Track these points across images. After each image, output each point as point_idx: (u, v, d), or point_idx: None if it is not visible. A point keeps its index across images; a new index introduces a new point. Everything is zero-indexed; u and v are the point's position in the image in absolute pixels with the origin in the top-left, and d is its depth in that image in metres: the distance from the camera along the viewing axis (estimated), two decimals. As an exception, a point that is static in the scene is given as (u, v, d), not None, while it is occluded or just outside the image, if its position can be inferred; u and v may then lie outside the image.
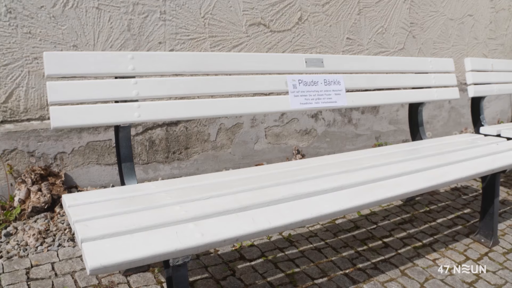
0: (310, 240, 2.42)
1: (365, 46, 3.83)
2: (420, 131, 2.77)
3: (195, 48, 2.94)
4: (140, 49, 2.76)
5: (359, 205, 1.62)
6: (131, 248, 1.17)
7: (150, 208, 1.40)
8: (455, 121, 4.85)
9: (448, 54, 4.58)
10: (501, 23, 5.08)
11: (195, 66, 1.87)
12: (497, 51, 5.16)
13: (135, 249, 1.16)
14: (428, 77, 2.74)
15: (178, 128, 2.96)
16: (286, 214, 1.44)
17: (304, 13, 3.37)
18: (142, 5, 2.70)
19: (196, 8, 2.88)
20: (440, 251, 2.39)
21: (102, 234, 1.20)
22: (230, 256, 2.21)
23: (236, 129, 3.20)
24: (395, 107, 4.16)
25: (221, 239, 1.28)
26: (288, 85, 2.08)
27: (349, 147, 3.93)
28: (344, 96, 2.26)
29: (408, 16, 4.07)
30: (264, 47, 3.23)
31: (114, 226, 1.24)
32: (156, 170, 2.94)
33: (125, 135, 1.76)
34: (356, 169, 1.95)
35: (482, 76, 3.13)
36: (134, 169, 1.77)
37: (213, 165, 3.18)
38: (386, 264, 2.23)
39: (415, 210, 2.91)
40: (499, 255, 2.40)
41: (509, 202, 3.17)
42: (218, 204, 1.43)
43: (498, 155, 2.38)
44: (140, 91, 1.73)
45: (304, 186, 1.66)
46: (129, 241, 1.20)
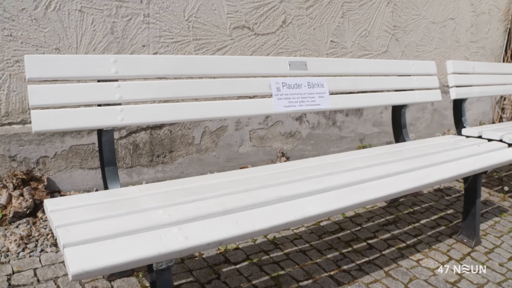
0: (295, 243, 2.43)
1: (349, 49, 3.86)
2: (403, 133, 2.79)
3: (179, 51, 2.93)
4: (123, 52, 2.74)
5: (343, 207, 1.63)
6: (114, 252, 1.16)
7: (133, 212, 1.39)
8: (438, 123, 4.91)
9: (430, 56, 4.64)
10: (482, 27, 5.16)
11: (179, 69, 1.86)
12: (478, 53, 5.24)
13: (118, 254, 1.15)
14: (411, 79, 2.77)
15: (162, 131, 2.95)
16: (270, 217, 1.44)
17: (288, 16, 3.38)
18: (125, 8, 2.69)
19: (180, 11, 2.88)
20: (424, 252, 2.42)
21: (85, 239, 1.19)
22: (215, 260, 2.20)
23: (220, 132, 3.20)
24: (379, 109, 4.20)
25: (205, 243, 1.28)
26: (272, 88, 2.09)
27: (333, 149, 3.95)
28: (327, 98, 2.27)
29: (391, 19, 4.11)
30: (248, 50, 3.24)
31: (96, 231, 1.23)
32: (140, 173, 2.92)
33: (108, 139, 1.75)
34: (340, 171, 1.96)
35: (464, 79, 3.18)
36: (117, 173, 1.75)
37: (197, 168, 3.17)
38: (371, 266, 2.24)
39: (399, 211, 2.94)
40: (481, 255, 2.43)
41: (490, 203, 3.21)
42: (202, 208, 1.43)
43: (480, 156, 2.41)
44: (123, 94, 1.72)
45: (289, 188, 1.66)
46: (112, 245, 1.19)
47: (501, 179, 3.80)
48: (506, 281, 2.19)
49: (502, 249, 2.52)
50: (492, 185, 3.62)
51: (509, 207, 3.14)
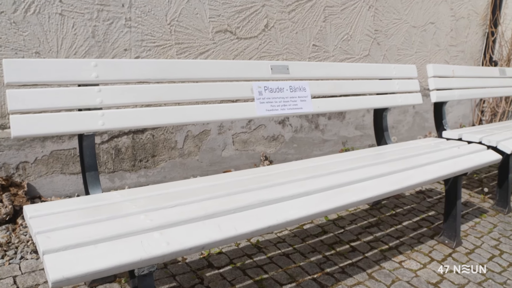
0: (278, 246, 2.43)
1: (331, 52, 3.88)
2: (385, 136, 2.82)
3: (161, 55, 2.92)
4: (105, 56, 2.72)
5: (325, 210, 1.64)
6: (95, 258, 1.15)
7: (114, 217, 1.38)
8: (420, 125, 4.97)
9: (411, 60, 4.69)
10: (461, 31, 5.24)
11: (161, 73, 1.86)
12: (458, 57, 5.32)
13: (98, 260, 1.14)
14: (392, 83, 2.80)
15: (145, 135, 2.93)
16: (252, 221, 1.44)
17: (270, 20, 3.39)
18: (106, 12, 2.67)
19: (162, 15, 2.87)
20: (406, 253, 2.44)
21: (65, 245, 1.18)
22: (198, 264, 2.19)
23: (203, 136, 3.19)
24: (361, 112, 4.23)
25: (187, 248, 1.27)
26: (254, 92, 2.09)
27: (316, 152, 3.96)
28: (309, 102, 2.28)
29: (373, 23, 4.15)
30: (230, 54, 3.24)
31: (77, 237, 1.22)
32: (123, 178, 2.90)
33: (89, 143, 1.73)
34: (323, 174, 1.97)
35: (444, 82, 3.22)
36: (98, 178, 1.74)
37: (180, 173, 3.15)
38: (354, 268, 2.26)
39: (381, 213, 2.96)
40: (462, 256, 2.46)
41: (471, 204, 3.26)
42: (184, 212, 1.42)
43: (460, 159, 2.44)
44: (104, 99, 1.70)
45: (271, 192, 1.66)
46: (92, 251, 1.18)
47: (481, 180, 3.86)
48: (486, 281, 2.22)
49: (482, 249, 2.55)
50: (473, 187, 3.67)
51: (489, 208, 3.18)
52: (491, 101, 5.69)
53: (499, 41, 5.68)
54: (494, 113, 5.67)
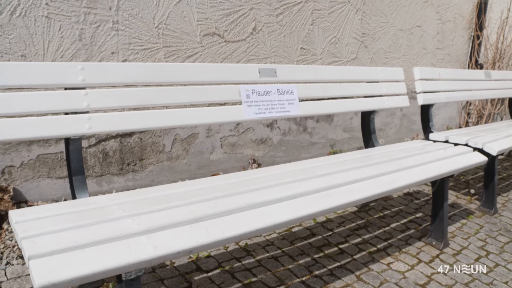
0: (267, 249, 2.43)
1: (319, 55, 3.90)
2: (373, 139, 2.83)
3: (148, 58, 2.91)
4: (92, 59, 2.71)
5: (313, 213, 1.64)
6: (81, 263, 1.14)
7: (101, 222, 1.37)
8: (407, 128, 5.00)
9: (399, 63, 4.73)
10: (448, 34, 5.29)
11: (148, 76, 1.85)
12: (444, 60, 5.37)
13: (85, 265, 1.14)
14: (379, 86, 2.82)
15: (133, 139, 2.92)
16: (240, 224, 1.44)
17: (258, 24, 3.40)
18: (94, 15, 2.66)
19: (150, 18, 2.86)
20: (394, 255, 2.45)
21: (51, 250, 1.16)
22: (186, 268, 2.19)
23: (191, 140, 3.19)
24: (349, 115, 4.25)
25: (174, 252, 1.27)
26: (242, 95, 2.09)
27: (304, 155, 3.98)
28: (297, 105, 2.29)
29: (360, 26, 4.18)
30: (218, 57, 3.24)
31: (63, 242, 1.21)
32: (110, 182, 2.88)
33: (76, 147, 1.72)
34: (311, 177, 1.97)
35: (431, 85, 3.25)
36: (85, 182, 1.73)
37: (168, 176, 3.14)
38: (342, 270, 2.26)
39: (369, 215, 2.97)
40: (450, 257, 2.48)
41: (458, 205, 3.29)
42: (172, 216, 1.42)
43: (446, 161, 2.47)
44: (91, 102, 1.69)
45: (259, 195, 1.66)
46: (79, 256, 1.17)
47: (468, 182, 3.89)
48: (473, 281, 2.24)
49: (469, 250, 2.58)
50: (459, 188, 3.70)
51: (476, 209, 3.21)
52: (477, 104, 5.75)
53: (484, 44, 5.75)
54: (480, 115, 5.74)
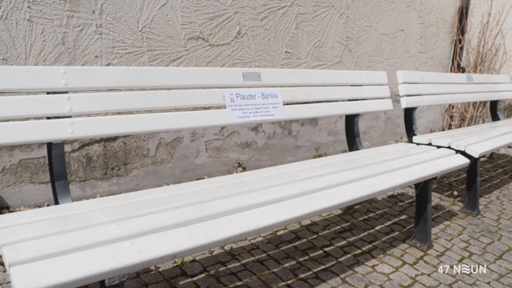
0: (252, 253, 2.43)
1: (303, 59, 3.92)
2: (357, 142, 2.85)
3: (132, 62, 2.90)
4: (75, 63, 2.69)
5: (297, 216, 1.65)
6: (64, 270, 1.13)
7: (84, 227, 1.35)
8: (391, 131, 5.05)
9: (382, 67, 4.78)
10: (430, 38, 5.36)
11: (131, 81, 1.84)
12: (427, 64, 5.43)
13: (67, 271, 1.12)
14: (363, 89, 2.84)
15: (117, 143, 2.90)
16: (224, 228, 1.43)
17: (242, 27, 3.41)
18: (77, 18, 2.64)
19: (134, 21, 2.85)
20: (379, 257, 2.47)
21: (32, 256, 1.15)
22: (171, 273, 2.17)
23: (176, 144, 3.17)
24: (334, 118, 4.28)
25: (158, 256, 1.26)
26: (226, 99, 2.09)
27: (289, 158, 3.99)
28: (281, 109, 2.30)
29: (344, 30, 4.21)
30: (203, 61, 3.24)
31: (45, 248, 1.19)
32: (94, 187, 2.86)
33: (58, 152, 1.70)
34: (295, 180, 1.98)
35: (414, 88, 3.29)
36: (68, 188, 1.71)
37: (153, 181, 3.13)
38: (327, 273, 2.27)
39: (354, 218, 2.99)
40: (433, 258, 2.51)
41: (441, 207, 3.32)
42: (156, 221, 1.41)
43: (429, 163, 2.49)
44: (73, 106, 1.68)
45: (243, 199, 1.66)
46: (61, 262, 1.15)
47: (451, 184, 3.94)
48: (456, 282, 2.27)
49: (452, 251, 2.60)
50: (443, 190, 3.74)
51: (459, 211, 3.25)
52: (459, 107, 5.82)
53: (466, 48, 5.83)
54: (463, 118, 5.81)
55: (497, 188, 3.88)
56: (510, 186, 3.96)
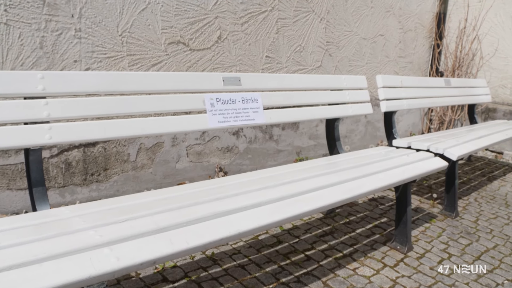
0: (234, 258, 2.42)
1: (284, 64, 3.94)
2: (337, 146, 2.87)
3: (112, 67, 2.88)
4: (54, 67, 2.65)
5: (278, 221, 1.65)
6: (41, 278, 1.11)
7: (62, 234, 1.34)
8: (372, 134, 5.09)
9: (362, 71, 4.82)
10: (409, 43, 5.43)
11: (110, 85, 1.83)
12: (406, 68, 5.50)
13: (44, 279, 1.11)
14: (343, 93, 2.86)
15: (96, 149, 2.87)
16: (204, 234, 1.43)
17: (223, 32, 3.41)
18: (55, 22, 2.61)
19: (113, 26, 2.83)
20: (360, 260, 2.48)
21: (8, 265, 1.13)
22: (152, 279, 2.16)
23: (156, 149, 3.16)
24: (315, 122, 4.30)
25: (137, 263, 1.25)
26: (206, 104, 2.09)
27: (271, 163, 3.99)
28: (262, 113, 2.30)
29: (324, 35, 4.25)
30: (184, 65, 3.23)
31: (21, 256, 1.17)
32: (74, 193, 2.82)
33: (36, 158, 1.68)
34: (276, 185, 1.98)
35: (393, 92, 3.33)
36: (46, 194, 1.68)
37: (134, 186, 3.10)
38: (309, 277, 2.28)
39: (335, 222, 3.01)
40: (414, 260, 2.53)
41: (421, 210, 3.36)
42: (135, 227, 1.40)
43: (408, 166, 2.52)
44: (51, 112, 1.66)
45: (224, 204, 1.66)
46: (38, 270, 1.14)
47: (430, 186, 3.99)
48: (436, 283, 2.29)
49: (432, 253, 2.63)
50: (422, 193, 3.78)
51: (438, 213, 3.29)
52: (438, 110, 5.91)
53: (444, 53, 5.92)
54: (442, 121, 5.90)
55: (475, 190, 3.94)
56: (488, 188, 4.03)
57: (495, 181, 4.31)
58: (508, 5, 5.36)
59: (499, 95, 5.58)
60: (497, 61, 5.53)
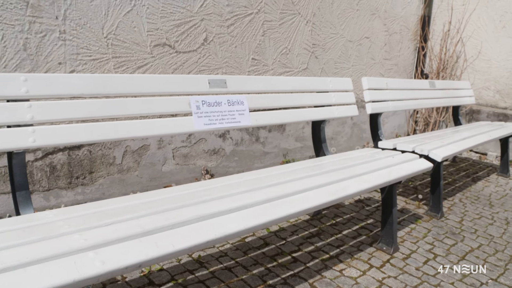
0: (220, 260, 2.42)
1: (270, 66, 3.94)
2: (323, 147, 2.88)
3: (98, 69, 2.86)
4: (38, 70, 2.63)
5: (264, 223, 1.65)
6: (24, 283, 1.10)
7: (46, 238, 1.32)
8: (358, 136, 5.12)
9: (348, 73, 4.85)
10: (394, 45, 5.48)
11: (96, 88, 1.82)
12: (392, 70, 5.55)
13: (28, 284, 1.09)
14: (329, 95, 2.88)
15: (81, 152, 2.84)
16: (190, 236, 1.42)
17: (209, 34, 3.41)
18: (39, 24, 2.58)
19: (98, 28, 2.81)
20: (346, 262, 2.49)
21: (-9, 270, 1.12)
22: (138, 283, 2.14)
23: (142, 151, 3.14)
24: (301, 124, 4.31)
25: (123, 266, 1.24)
26: (192, 106, 2.08)
27: (257, 165, 3.99)
28: (248, 115, 2.30)
29: (310, 37, 4.26)
30: (169, 68, 3.22)
31: (5, 261, 1.16)
32: (59, 196, 2.79)
33: (19, 161, 1.66)
34: (262, 187, 1.98)
35: (379, 94, 3.35)
36: (30, 198, 1.67)
37: (119, 189, 3.08)
38: (296, 279, 2.28)
39: (322, 223, 3.02)
40: (400, 261, 2.55)
41: (407, 211, 3.39)
42: (120, 230, 1.39)
43: (394, 168, 2.54)
44: (35, 115, 1.64)
45: (209, 206, 1.66)
46: (21, 275, 1.12)
47: (416, 187, 4.02)
48: (422, 284, 2.31)
49: (418, 254, 2.65)
50: (408, 194, 3.81)
51: (424, 214, 3.32)
52: (423, 112, 5.97)
53: (429, 55, 5.98)
54: (427, 123, 5.95)
55: (460, 191, 3.99)
56: (472, 189, 4.08)
57: (479, 181, 4.36)
58: (490, 9, 5.43)
59: (482, 97, 5.65)
60: (481, 63, 5.60)
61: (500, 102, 5.49)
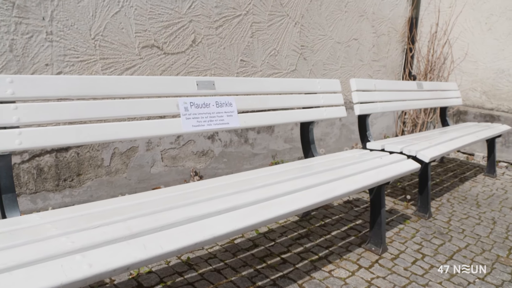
0: (209, 262, 2.41)
1: (259, 67, 3.95)
2: (312, 149, 2.89)
3: (85, 71, 2.84)
4: (24, 71, 2.60)
5: (253, 224, 1.65)
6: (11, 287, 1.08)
7: (32, 241, 1.31)
8: (346, 137, 5.14)
9: (337, 74, 4.87)
10: (383, 47, 5.51)
11: (83, 90, 1.80)
12: (380, 72, 5.58)
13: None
14: (317, 97, 2.89)
15: (69, 154, 2.82)
16: (178, 238, 1.42)
17: (198, 36, 3.40)
18: (26, 25, 2.56)
19: (86, 29, 2.79)
20: (335, 262, 2.50)
21: (-24, 274, 1.10)
22: (127, 285, 2.13)
23: (131, 153, 3.12)
24: (290, 126, 4.32)
25: (111, 269, 1.23)
26: (180, 108, 2.08)
27: (246, 166, 3.99)
28: (236, 117, 2.30)
29: (299, 39, 4.27)
30: (158, 69, 3.21)
31: (-10, 264, 1.14)
32: (46, 199, 2.77)
33: (5, 164, 1.64)
34: (251, 188, 1.98)
35: (367, 95, 3.37)
36: (16, 201, 1.65)
37: (108, 191, 3.06)
38: (285, 280, 2.28)
39: (311, 224, 3.02)
40: (388, 261, 2.56)
41: (395, 211, 3.41)
42: (108, 233, 1.38)
43: (382, 169, 2.55)
44: (21, 116, 1.63)
45: (198, 208, 1.65)
46: (7, 279, 1.11)
47: (404, 188, 4.04)
48: (410, 283, 2.32)
49: (406, 254, 2.67)
50: (396, 195, 3.84)
51: (412, 214, 3.34)
52: (411, 113, 6.01)
53: (416, 57, 6.03)
54: (415, 124, 6.00)
55: (447, 191, 4.02)
56: (460, 189, 4.11)
57: (467, 182, 4.40)
58: (476, 11, 5.49)
59: (469, 98, 5.70)
60: (467, 65, 5.66)
61: (486, 103, 5.55)
